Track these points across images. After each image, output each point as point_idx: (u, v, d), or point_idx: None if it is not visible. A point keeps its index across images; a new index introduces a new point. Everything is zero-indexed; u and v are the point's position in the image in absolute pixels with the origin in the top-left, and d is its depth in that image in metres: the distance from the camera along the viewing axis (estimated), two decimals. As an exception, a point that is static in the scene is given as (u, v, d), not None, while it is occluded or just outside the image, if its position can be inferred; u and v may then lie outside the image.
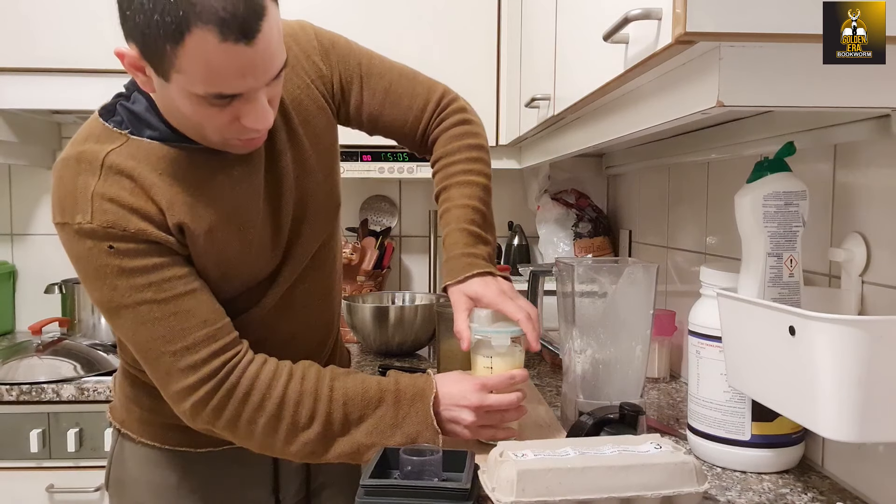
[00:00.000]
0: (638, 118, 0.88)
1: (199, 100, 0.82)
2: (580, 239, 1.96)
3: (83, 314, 1.86)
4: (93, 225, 0.87)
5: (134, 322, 0.89)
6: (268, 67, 0.82)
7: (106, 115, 0.94)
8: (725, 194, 1.27)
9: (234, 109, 0.84)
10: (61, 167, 0.92)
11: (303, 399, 0.92)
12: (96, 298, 0.91)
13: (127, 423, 1.07)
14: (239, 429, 0.92)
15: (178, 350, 0.89)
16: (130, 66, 0.84)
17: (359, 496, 0.83)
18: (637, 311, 1.07)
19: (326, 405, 0.93)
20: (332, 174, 1.07)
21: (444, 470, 0.88)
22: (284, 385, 0.92)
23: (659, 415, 1.26)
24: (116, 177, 0.88)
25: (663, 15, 0.67)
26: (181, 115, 0.87)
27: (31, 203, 2.08)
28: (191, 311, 0.90)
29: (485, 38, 1.79)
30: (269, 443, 0.93)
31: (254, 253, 0.96)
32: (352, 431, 0.94)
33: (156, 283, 0.88)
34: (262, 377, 0.91)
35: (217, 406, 0.90)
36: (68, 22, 1.68)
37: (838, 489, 0.93)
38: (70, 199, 0.88)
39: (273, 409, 0.91)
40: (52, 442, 1.55)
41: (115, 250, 0.87)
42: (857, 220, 0.92)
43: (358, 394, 0.94)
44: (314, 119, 1.03)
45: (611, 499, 0.78)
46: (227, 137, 0.88)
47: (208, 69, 0.78)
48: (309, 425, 0.92)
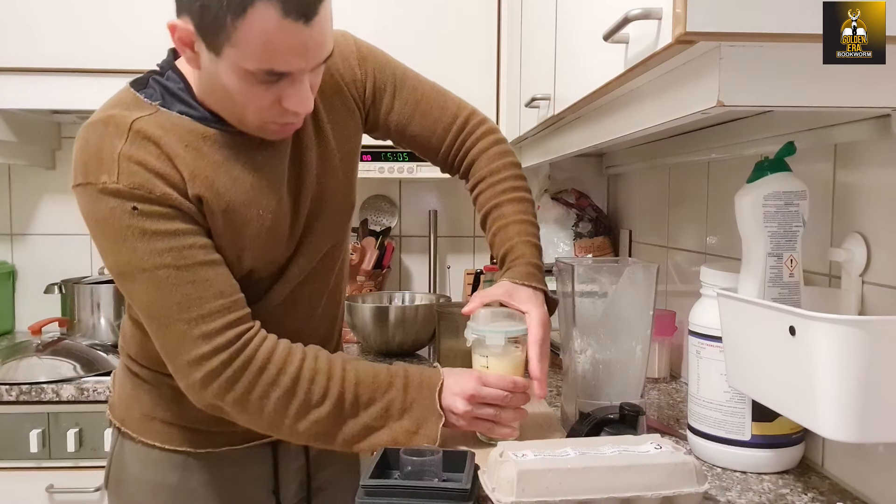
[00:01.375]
0: (638, 118, 0.88)
1: (247, 76, 0.84)
2: (580, 239, 1.96)
3: (83, 314, 1.86)
4: (118, 185, 0.87)
5: (150, 286, 0.89)
6: (319, 50, 0.85)
7: (137, 87, 0.95)
8: (725, 194, 1.27)
9: (278, 90, 0.86)
10: (87, 129, 0.91)
11: (317, 377, 0.92)
12: (113, 261, 0.91)
13: (127, 422, 1.07)
14: (249, 403, 0.91)
15: (193, 318, 0.88)
16: (180, 40, 0.85)
17: (359, 496, 0.83)
18: (637, 311, 1.07)
19: (339, 384, 0.93)
20: (351, 177, 1.10)
21: (445, 470, 0.87)
22: (300, 361, 0.92)
23: (659, 415, 1.26)
24: (143, 141, 0.89)
25: (663, 15, 0.67)
26: (224, 93, 0.88)
27: (30, 203, 2.08)
28: (209, 281, 0.90)
29: (485, 38, 1.79)
30: (278, 421, 0.93)
31: (268, 239, 0.97)
32: (361, 413, 0.94)
33: (176, 249, 0.88)
34: (278, 352, 0.92)
35: (230, 378, 0.89)
36: (68, 22, 1.68)
37: (838, 489, 0.93)
38: (95, 159, 0.88)
39: (288, 385, 0.91)
40: (51, 442, 1.55)
41: (139, 212, 0.87)
42: (857, 220, 0.92)
43: (369, 376, 0.95)
44: (343, 121, 1.06)
45: (611, 499, 0.78)
46: (265, 120, 0.90)
47: (265, 44, 0.80)
48: (321, 403, 0.92)
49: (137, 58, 1.68)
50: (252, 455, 1.07)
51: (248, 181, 0.94)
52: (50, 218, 2.07)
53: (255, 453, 1.08)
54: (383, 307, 1.71)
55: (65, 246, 2.06)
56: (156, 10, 1.69)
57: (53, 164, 2.06)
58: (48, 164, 2.05)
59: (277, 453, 1.10)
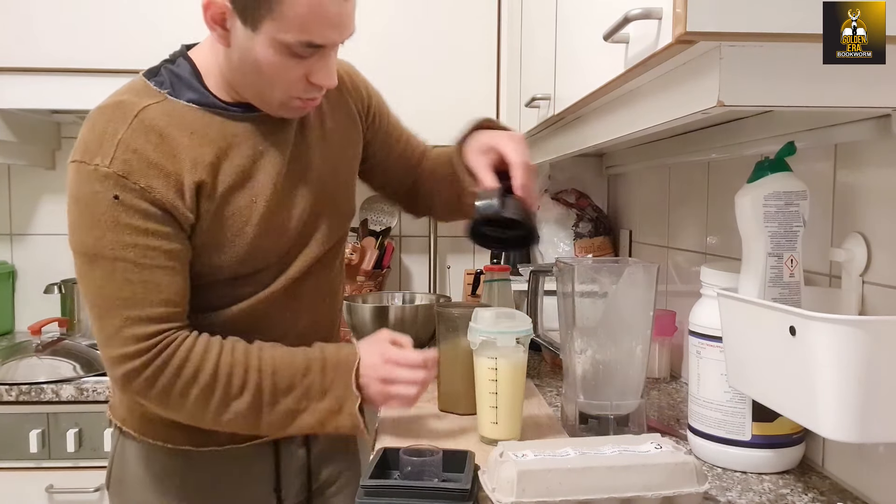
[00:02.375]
0: (638, 118, 0.88)
1: (283, 49, 0.88)
2: (580, 239, 1.96)
3: (83, 314, 1.87)
4: (109, 170, 0.90)
5: (105, 274, 0.91)
6: (350, 25, 0.92)
7: (149, 76, 0.98)
8: (726, 194, 1.27)
9: (308, 65, 0.91)
10: (96, 112, 0.95)
11: (234, 370, 0.94)
12: (79, 240, 0.94)
13: (128, 421, 1.07)
14: (170, 401, 0.94)
15: (131, 317, 0.91)
16: (212, 18, 0.90)
17: (358, 496, 0.83)
18: (637, 311, 1.07)
19: (256, 375, 0.95)
20: (352, 182, 1.15)
21: (445, 470, 0.88)
22: (216, 357, 0.94)
23: (659, 415, 1.26)
24: (146, 130, 0.92)
25: (663, 15, 0.66)
26: (253, 69, 0.91)
27: (30, 203, 2.08)
28: (160, 286, 0.92)
29: (485, 38, 1.79)
30: (200, 415, 0.95)
31: (262, 227, 0.99)
32: (281, 400, 0.96)
33: (140, 247, 0.91)
34: (195, 350, 0.94)
35: (149, 377, 0.92)
36: (69, 22, 1.68)
37: (839, 489, 0.93)
38: (96, 141, 0.91)
39: (206, 381, 0.93)
40: (51, 442, 1.55)
41: (119, 202, 0.90)
42: (857, 220, 0.92)
43: (286, 363, 0.97)
44: (346, 128, 1.12)
45: (611, 499, 0.78)
46: (291, 95, 0.94)
47: (308, 15, 0.86)
48: (240, 395, 0.94)
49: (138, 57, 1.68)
50: (254, 453, 1.08)
51: (246, 169, 0.97)
52: (50, 218, 2.07)
53: (256, 451, 1.08)
54: (383, 307, 1.71)
55: (65, 246, 2.03)
56: (156, 10, 1.69)
57: (53, 164, 2.06)
58: (48, 164, 2.05)
59: (279, 451, 1.10)
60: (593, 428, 1.08)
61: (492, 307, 1.19)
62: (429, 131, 1.79)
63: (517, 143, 1.03)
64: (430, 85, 1.78)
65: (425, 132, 1.79)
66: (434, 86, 1.78)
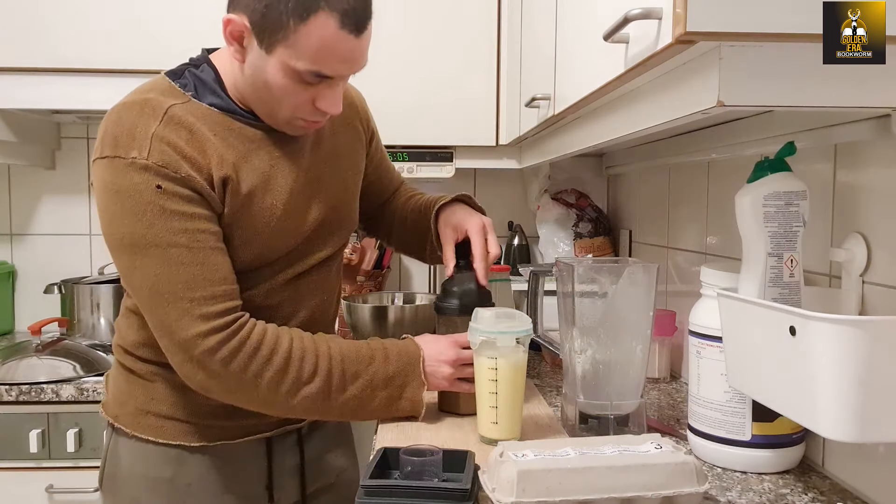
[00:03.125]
0: (638, 118, 0.88)
1: (293, 74, 0.92)
2: (580, 239, 1.96)
3: (82, 314, 1.86)
4: (147, 162, 0.91)
5: (160, 262, 0.92)
6: (361, 61, 0.95)
7: (173, 77, 1.01)
8: (726, 194, 1.27)
9: (315, 91, 0.95)
10: (122, 107, 0.96)
11: (306, 355, 0.98)
12: (126, 231, 0.93)
13: (120, 417, 1.07)
14: (244, 381, 0.95)
15: (197, 298, 0.93)
16: (230, 34, 0.93)
17: (358, 496, 0.83)
18: (637, 311, 1.07)
19: (327, 361, 1.00)
20: (357, 196, 1.21)
21: (445, 470, 0.88)
22: (290, 342, 0.98)
23: (659, 415, 1.26)
24: (176, 126, 0.95)
25: (663, 14, 0.66)
26: (264, 87, 0.95)
27: (30, 203, 2.07)
28: (216, 266, 0.95)
29: (485, 38, 1.79)
30: (272, 398, 0.98)
31: (277, 229, 1.02)
32: (349, 387, 1.01)
33: (191, 231, 0.93)
34: (269, 334, 0.97)
35: (227, 356, 0.94)
36: (69, 22, 1.68)
37: (839, 490, 0.93)
38: (128, 135, 0.93)
39: (280, 364, 0.96)
40: (51, 442, 1.55)
41: (163, 190, 0.92)
42: (857, 220, 0.92)
43: (352, 352, 1.03)
44: (355, 146, 1.18)
45: (611, 499, 0.78)
46: (296, 116, 0.98)
47: (320, 49, 0.90)
48: (311, 380, 0.98)
49: (138, 58, 1.70)
50: (246, 450, 1.08)
51: (265, 172, 1.01)
52: (50, 218, 2.07)
53: (249, 448, 1.08)
54: (383, 307, 1.71)
55: (64, 246, 2.06)
56: (156, 11, 1.69)
57: (53, 164, 2.06)
58: (48, 165, 2.05)
59: (272, 449, 1.11)
60: (593, 428, 1.08)
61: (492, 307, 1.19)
62: (429, 131, 1.80)
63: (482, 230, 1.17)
64: (429, 85, 1.78)
65: (425, 132, 1.80)
66: (434, 86, 1.78)
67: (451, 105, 1.78)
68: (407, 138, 1.79)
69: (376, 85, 1.33)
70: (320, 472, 1.18)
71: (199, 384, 0.97)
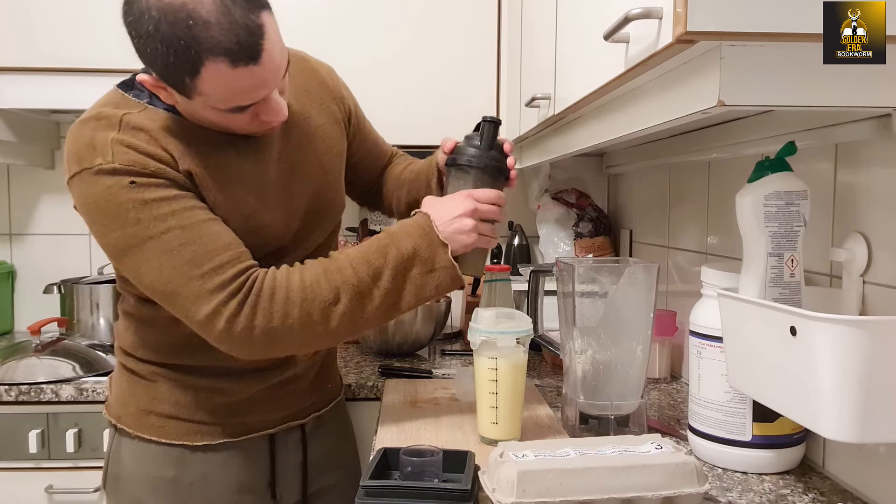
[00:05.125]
0: (638, 118, 0.88)
1: (220, 111, 0.91)
2: (581, 239, 1.96)
3: (82, 314, 1.86)
4: (114, 164, 0.91)
5: (159, 252, 0.92)
6: (276, 75, 0.91)
7: (125, 88, 1.00)
8: (726, 194, 1.27)
9: (253, 111, 0.93)
10: (78, 126, 0.97)
11: (320, 280, 0.96)
12: (118, 237, 0.93)
13: (123, 418, 1.08)
14: (277, 328, 0.94)
15: (206, 272, 0.92)
16: (153, 87, 0.93)
17: (359, 497, 0.83)
18: (638, 311, 1.07)
19: (341, 276, 0.97)
20: (341, 176, 1.17)
21: (445, 471, 0.87)
22: (300, 275, 0.96)
23: (660, 415, 1.25)
24: (133, 130, 0.94)
25: (664, 14, 0.66)
26: (204, 120, 0.95)
27: (30, 203, 2.07)
28: (215, 235, 0.94)
29: (485, 38, 1.79)
30: (312, 332, 0.96)
31: (257, 222, 1.01)
32: (378, 285, 0.98)
33: (178, 212, 0.93)
34: (279, 278, 0.95)
35: (249, 314, 0.93)
36: (68, 22, 1.68)
37: (839, 490, 0.93)
38: (88, 148, 0.93)
39: (299, 298, 0.95)
40: (50, 442, 1.55)
41: (137, 184, 0.91)
42: (858, 219, 0.92)
43: (361, 255, 0.99)
44: (330, 127, 1.14)
45: (611, 499, 0.78)
46: (249, 130, 0.97)
47: (226, 91, 0.88)
48: (338, 299, 0.96)
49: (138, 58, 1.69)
50: (249, 447, 1.08)
51: (232, 168, 0.99)
52: (49, 218, 2.07)
53: (252, 446, 1.08)
54: (383, 307, 1.71)
55: (64, 246, 2.06)
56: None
57: (53, 163, 2.06)
58: (47, 164, 2.05)
59: (275, 447, 1.11)
60: (593, 428, 1.08)
61: (492, 307, 1.19)
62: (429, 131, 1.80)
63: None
64: (429, 85, 1.78)
65: (425, 132, 1.79)
66: (434, 86, 1.78)
67: (451, 105, 1.78)
68: (407, 138, 1.78)
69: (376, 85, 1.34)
70: (323, 472, 1.18)
71: (243, 353, 0.96)
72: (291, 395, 1.11)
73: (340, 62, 1.25)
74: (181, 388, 1.03)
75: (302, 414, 1.14)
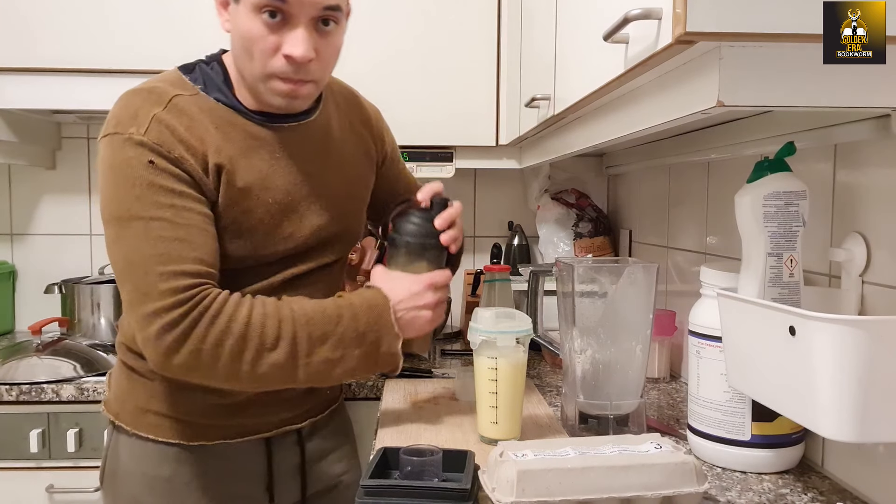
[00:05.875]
0: (638, 118, 0.88)
1: (256, 15, 0.94)
2: (580, 239, 1.96)
3: (83, 314, 1.86)
4: (143, 138, 0.94)
5: (141, 234, 0.93)
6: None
7: (184, 71, 1.04)
8: (725, 194, 1.27)
9: (279, 37, 0.95)
10: (131, 94, 1.00)
11: (267, 321, 0.95)
12: (115, 205, 0.95)
13: (121, 415, 1.08)
14: (203, 353, 0.92)
15: (167, 272, 0.92)
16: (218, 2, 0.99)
17: (358, 496, 0.83)
18: (637, 311, 1.07)
19: (291, 325, 0.95)
20: (363, 208, 1.22)
21: (444, 470, 0.88)
22: (249, 309, 0.95)
23: (659, 415, 1.26)
24: (178, 113, 0.97)
25: (663, 15, 0.66)
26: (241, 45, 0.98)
27: (30, 203, 2.07)
28: (195, 244, 0.94)
29: (485, 38, 1.79)
30: (235, 368, 0.94)
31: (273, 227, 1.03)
32: (317, 349, 0.96)
33: (177, 207, 0.94)
34: (229, 303, 0.94)
35: (185, 329, 0.91)
36: (69, 22, 1.68)
37: (838, 489, 0.93)
38: (130, 115, 0.96)
39: (240, 331, 0.93)
40: (51, 442, 1.55)
41: (154, 166, 0.94)
42: (857, 219, 0.92)
43: (318, 313, 0.98)
44: (363, 163, 1.19)
45: (611, 499, 0.78)
46: (269, 71, 0.97)
47: None
48: (276, 346, 0.94)
49: (138, 58, 1.70)
50: (245, 450, 1.08)
51: (263, 171, 1.02)
52: (50, 218, 2.07)
53: (248, 448, 1.08)
54: (383, 307, 1.71)
55: (65, 246, 2.06)
56: (156, 11, 1.69)
57: (53, 164, 2.06)
58: (48, 164, 2.05)
59: (272, 450, 1.11)
60: (593, 428, 1.08)
61: (492, 307, 1.19)
62: (429, 131, 1.80)
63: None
64: (430, 85, 1.78)
65: (425, 132, 1.80)
66: (434, 86, 1.78)
67: (451, 105, 1.78)
68: (407, 138, 1.78)
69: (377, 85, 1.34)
70: (321, 475, 1.18)
71: (165, 368, 0.93)
72: (288, 399, 1.11)
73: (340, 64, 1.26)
74: (178, 388, 1.04)
75: (298, 419, 1.14)
